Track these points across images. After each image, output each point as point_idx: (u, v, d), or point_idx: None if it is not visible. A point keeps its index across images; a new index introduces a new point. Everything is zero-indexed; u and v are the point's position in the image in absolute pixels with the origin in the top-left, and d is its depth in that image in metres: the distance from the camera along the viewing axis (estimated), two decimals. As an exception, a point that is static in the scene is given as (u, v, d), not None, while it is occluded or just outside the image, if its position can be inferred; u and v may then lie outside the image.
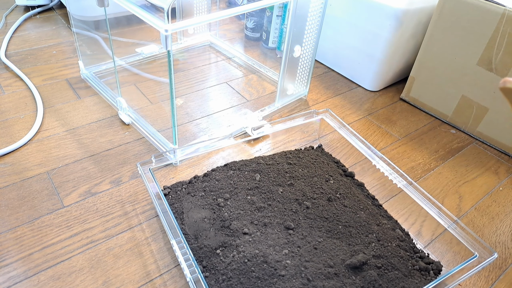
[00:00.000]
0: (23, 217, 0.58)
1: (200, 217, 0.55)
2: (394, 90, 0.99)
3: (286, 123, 0.72)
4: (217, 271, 0.50)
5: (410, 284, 0.50)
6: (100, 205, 0.61)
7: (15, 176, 0.65)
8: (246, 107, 0.86)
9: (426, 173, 0.74)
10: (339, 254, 0.53)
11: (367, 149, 0.67)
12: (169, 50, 0.56)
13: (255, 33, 1.12)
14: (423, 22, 0.91)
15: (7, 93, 0.83)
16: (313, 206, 0.59)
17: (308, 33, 0.78)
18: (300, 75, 0.84)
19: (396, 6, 0.83)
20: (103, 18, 0.73)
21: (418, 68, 0.89)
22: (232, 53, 1.06)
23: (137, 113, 0.79)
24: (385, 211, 0.62)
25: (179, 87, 0.91)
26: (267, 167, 0.65)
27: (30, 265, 0.52)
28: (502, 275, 0.57)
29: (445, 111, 0.88)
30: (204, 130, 0.78)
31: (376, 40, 0.89)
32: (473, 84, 0.80)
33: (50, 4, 1.21)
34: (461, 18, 0.77)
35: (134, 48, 1.01)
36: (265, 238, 0.53)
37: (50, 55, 0.98)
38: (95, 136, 0.74)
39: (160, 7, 0.54)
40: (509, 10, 0.71)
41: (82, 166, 0.68)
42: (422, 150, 0.80)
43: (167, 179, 0.67)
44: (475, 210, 0.67)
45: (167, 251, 0.55)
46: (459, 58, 0.81)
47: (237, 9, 0.62)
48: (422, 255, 0.55)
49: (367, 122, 0.86)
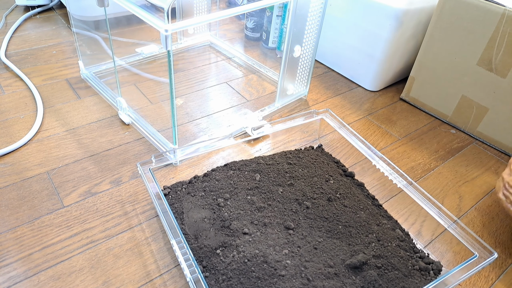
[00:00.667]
0: (23, 217, 0.58)
1: (200, 217, 0.55)
2: (394, 90, 0.99)
3: (286, 123, 0.72)
4: (217, 271, 0.50)
5: (410, 284, 0.50)
6: (100, 205, 0.61)
7: (15, 176, 0.65)
8: (246, 107, 0.86)
9: (426, 173, 0.74)
10: (339, 254, 0.53)
11: (367, 149, 0.67)
12: (169, 50, 0.56)
13: (255, 33, 1.12)
14: (423, 22, 0.91)
15: (7, 93, 0.83)
16: (313, 206, 0.59)
17: (308, 33, 0.78)
18: (300, 75, 0.84)
19: (396, 6, 0.83)
20: (103, 18, 0.73)
21: (418, 68, 0.89)
22: (232, 53, 1.06)
23: (137, 113, 0.79)
24: (385, 211, 0.62)
25: (179, 87, 0.91)
26: (267, 167, 0.65)
27: (30, 265, 0.52)
28: (502, 275, 0.57)
29: (445, 111, 0.88)
30: (204, 130, 0.78)
31: (376, 40, 0.89)
32: (473, 84, 0.80)
33: (50, 4, 1.21)
34: (461, 18, 0.77)
35: (134, 48, 1.01)
36: (265, 238, 0.53)
37: (50, 55, 0.98)
38: (95, 136, 0.74)
39: (160, 7, 0.54)
40: (509, 10, 0.71)
41: (82, 166, 0.68)
42: (422, 150, 0.80)
43: (167, 179, 0.67)
44: (475, 210, 0.67)
45: (167, 251, 0.55)
46: (459, 58, 0.81)
47: (237, 9, 0.62)
48: (422, 255, 0.55)
49: (367, 122, 0.86)
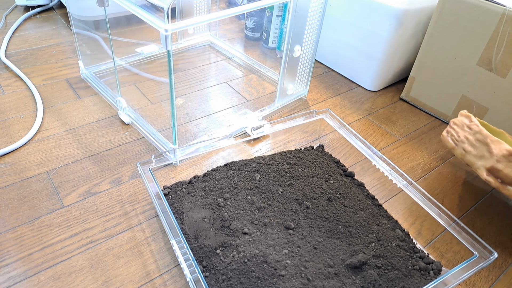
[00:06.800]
0: (23, 217, 0.58)
1: (200, 217, 0.55)
2: (394, 90, 0.99)
3: (286, 123, 0.72)
4: (217, 271, 0.50)
5: (410, 284, 0.50)
6: (100, 205, 0.61)
7: (15, 176, 0.65)
8: (246, 107, 0.86)
9: (426, 173, 0.74)
10: (339, 254, 0.53)
11: (367, 149, 0.67)
12: (169, 50, 0.56)
13: (255, 33, 1.12)
14: (423, 22, 0.91)
15: (7, 93, 0.83)
16: (313, 206, 0.59)
17: (308, 33, 0.78)
18: (300, 75, 0.84)
19: (396, 6, 0.83)
20: (103, 18, 0.73)
21: (418, 68, 0.89)
22: (232, 53, 1.06)
23: (137, 113, 0.79)
24: (385, 211, 0.62)
25: (179, 87, 0.91)
26: (267, 167, 0.65)
27: (30, 265, 0.52)
28: (502, 275, 0.57)
29: (445, 111, 0.88)
30: (204, 130, 0.78)
31: (376, 40, 0.89)
32: (473, 84, 0.80)
33: (50, 4, 1.21)
34: (461, 18, 0.78)
35: (134, 48, 1.01)
36: (265, 238, 0.53)
37: (50, 55, 0.98)
38: (95, 136, 0.74)
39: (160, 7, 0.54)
40: (509, 10, 0.71)
41: (82, 166, 0.68)
42: (422, 150, 0.80)
43: (167, 179, 0.67)
44: (475, 210, 0.67)
45: (167, 251, 0.55)
46: (459, 58, 0.81)
47: (237, 9, 0.62)
48: (422, 255, 0.55)
49: (367, 122, 0.86)
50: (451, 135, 0.65)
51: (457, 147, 0.63)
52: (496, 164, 0.56)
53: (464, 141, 0.61)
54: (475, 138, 0.60)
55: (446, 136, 0.66)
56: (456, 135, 0.63)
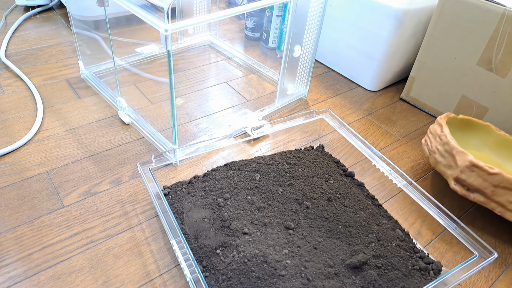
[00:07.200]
0: (23, 217, 0.58)
1: (200, 217, 0.55)
2: (394, 90, 0.99)
3: (286, 123, 0.72)
4: (217, 271, 0.50)
5: (410, 284, 0.50)
6: (100, 205, 0.61)
7: (15, 176, 0.65)
8: (246, 107, 0.86)
9: (426, 173, 0.74)
10: (339, 254, 0.53)
11: (367, 149, 0.67)
12: (169, 50, 0.56)
13: (255, 33, 1.12)
14: (423, 22, 0.91)
15: (7, 93, 0.83)
16: (313, 206, 0.59)
17: (308, 33, 0.78)
18: (300, 75, 0.84)
19: (396, 6, 0.83)
20: (103, 18, 0.73)
21: (418, 68, 0.89)
22: (232, 53, 1.06)
23: (137, 113, 0.79)
24: (385, 211, 0.62)
25: (179, 87, 0.91)
26: (267, 167, 0.65)
27: (30, 265, 0.52)
28: (502, 275, 0.57)
29: (445, 111, 0.88)
30: (204, 130, 0.78)
31: (376, 40, 0.89)
32: (473, 84, 0.80)
33: (50, 4, 1.21)
34: (461, 18, 0.78)
35: (134, 48, 1.02)
36: (265, 238, 0.53)
37: (50, 55, 0.98)
38: (95, 136, 0.74)
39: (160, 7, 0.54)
40: (509, 10, 0.71)
41: (82, 166, 0.68)
42: (422, 150, 0.80)
43: (167, 179, 0.67)
44: (475, 210, 0.67)
45: (167, 251, 0.55)
46: (459, 58, 0.81)
47: (237, 9, 0.62)
48: (422, 255, 0.55)
49: (367, 122, 0.86)
50: (427, 144, 0.68)
51: (431, 156, 0.66)
52: (460, 174, 0.59)
53: (435, 151, 0.64)
54: (444, 149, 0.62)
55: (424, 144, 0.69)
56: (430, 144, 0.66)
